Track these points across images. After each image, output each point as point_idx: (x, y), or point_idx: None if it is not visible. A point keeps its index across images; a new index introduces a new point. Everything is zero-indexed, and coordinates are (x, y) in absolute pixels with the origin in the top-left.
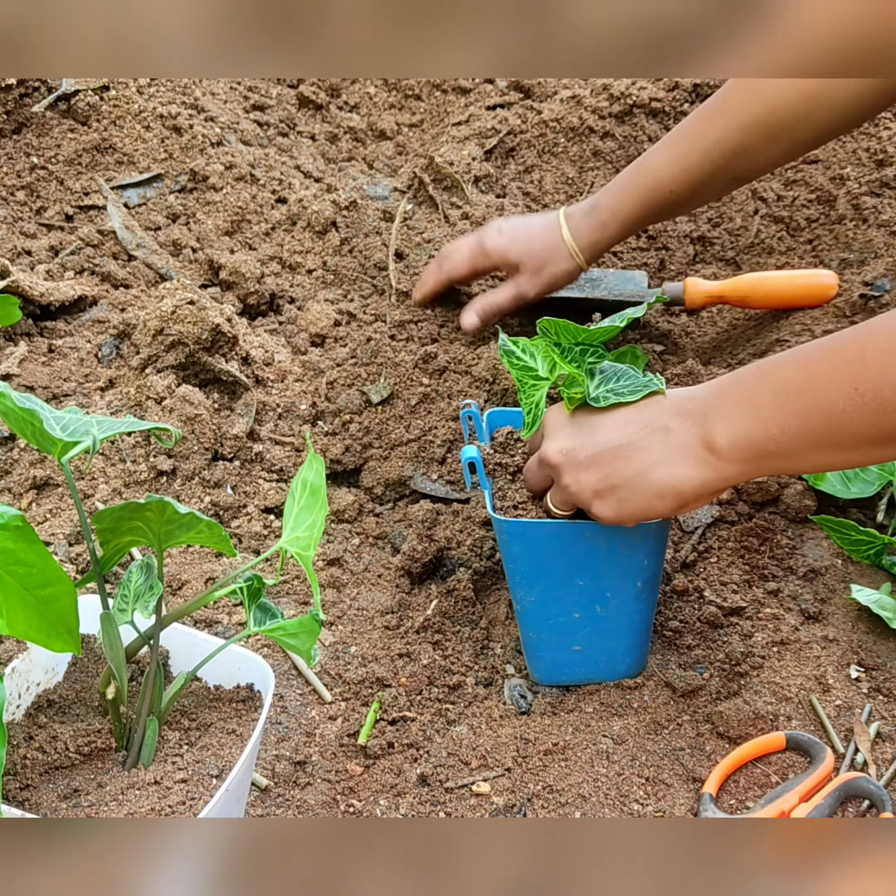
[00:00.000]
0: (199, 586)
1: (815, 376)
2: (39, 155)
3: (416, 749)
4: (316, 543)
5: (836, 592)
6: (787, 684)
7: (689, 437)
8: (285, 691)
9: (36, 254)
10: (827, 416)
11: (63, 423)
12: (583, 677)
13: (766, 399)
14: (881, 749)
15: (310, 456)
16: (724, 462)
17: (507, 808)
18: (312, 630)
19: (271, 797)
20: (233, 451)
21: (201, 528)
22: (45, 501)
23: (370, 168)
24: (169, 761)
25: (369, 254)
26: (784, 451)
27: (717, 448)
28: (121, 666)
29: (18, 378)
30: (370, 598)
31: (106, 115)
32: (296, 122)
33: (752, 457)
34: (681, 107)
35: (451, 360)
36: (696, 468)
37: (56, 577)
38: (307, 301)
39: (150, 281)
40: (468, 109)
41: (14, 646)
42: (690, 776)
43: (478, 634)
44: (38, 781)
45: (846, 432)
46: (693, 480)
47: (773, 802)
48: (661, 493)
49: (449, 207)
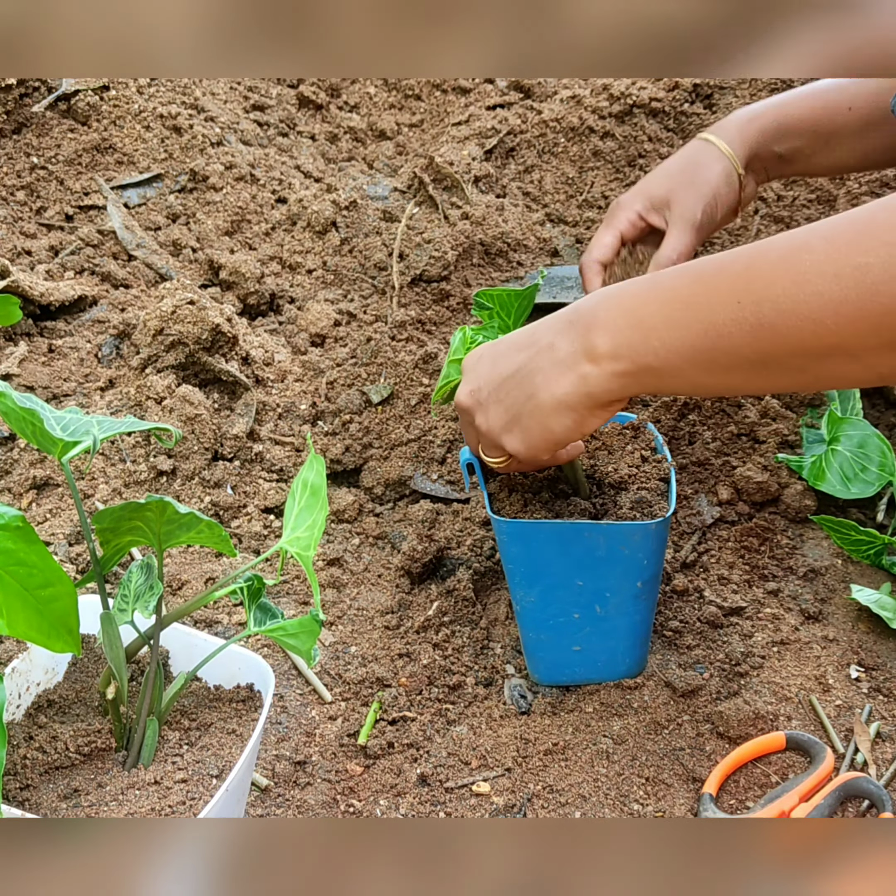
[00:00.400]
0: (199, 586)
1: (701, 286)
2: (39, 155)
3: (416, 749)
4: (316, 544)
5: (836, 592)
6: (787, 684)
7: (572, 350)
8: (285, 691)
9: (36, 254)
10: (706, 328)
11: (63, 423)
12: (583, 677)
13: (651, 308)
14: (881, 749)
15: (310, 456)
16: (606, 372)
17: (507, 808)
18: (313, 630)
19: (271, 797)
20: (233, 451)
21: (201, 528)
22: (45, 501)
23: (370, 168)
24: (169, 761)
25: (369, 254)
26: (663, 366)
27: (598, 356)
28: (121, 666)
29: (18, 378)
30: (370, 598)
31: (106, 115)
32: (296, 122)
33: (634, 369)
34: (681, 106)
35: None
36: (580, 380)
37: (56, 577)
38: (307, 301)
39: (150, 281)
40: (468, 109)
41: (14, 646)
42: (690, 776)
43: (478, 634)
44: (38, 781)
45: (724, 349)
46: (578, 392)
47: (773, 802)
48: (554, 411)
49: (449, 207)
